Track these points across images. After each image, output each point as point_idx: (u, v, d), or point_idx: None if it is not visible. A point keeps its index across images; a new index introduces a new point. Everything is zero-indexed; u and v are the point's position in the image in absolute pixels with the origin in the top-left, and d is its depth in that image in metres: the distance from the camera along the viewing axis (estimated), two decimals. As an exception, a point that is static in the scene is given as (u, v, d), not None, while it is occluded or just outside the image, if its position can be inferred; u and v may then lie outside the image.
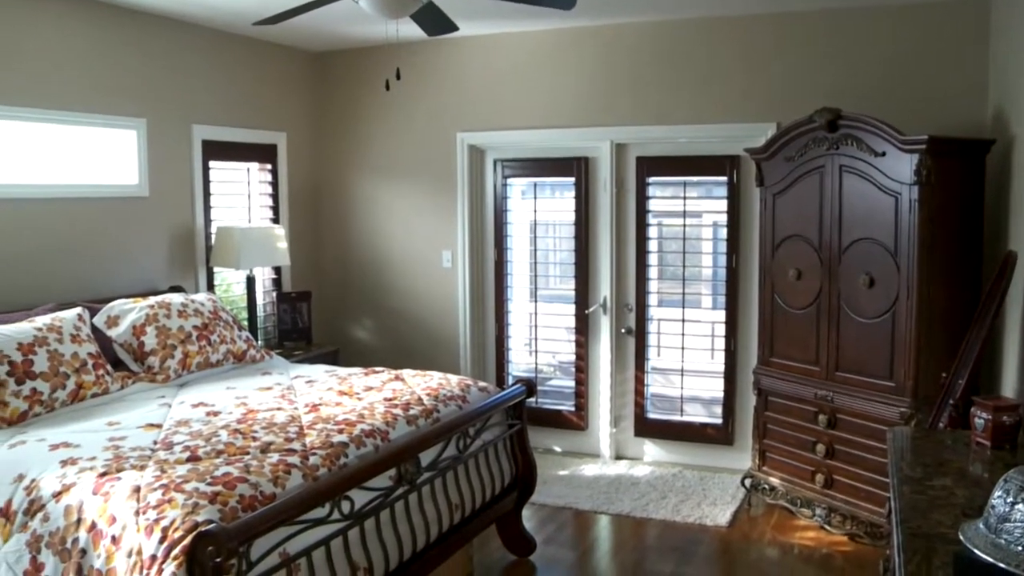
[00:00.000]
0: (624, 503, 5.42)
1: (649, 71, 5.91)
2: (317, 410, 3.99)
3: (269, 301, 6.62)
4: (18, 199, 4.81)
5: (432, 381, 4.55)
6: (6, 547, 3.10)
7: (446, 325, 6.72)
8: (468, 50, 6.43)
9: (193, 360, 4.76)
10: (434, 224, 6.69)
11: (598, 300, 6.27)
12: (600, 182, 6.19)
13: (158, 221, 5.67)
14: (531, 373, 6.56)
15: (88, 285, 5.19)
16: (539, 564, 4.68)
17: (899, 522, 2.16)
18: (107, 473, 3.17)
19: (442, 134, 6.59)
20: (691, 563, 4.64)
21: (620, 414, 6.29)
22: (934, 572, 1.87)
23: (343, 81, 6.94)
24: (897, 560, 1.97)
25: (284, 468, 3.21)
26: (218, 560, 2.62)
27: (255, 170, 6.55)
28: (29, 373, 3.96)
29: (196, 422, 3.80)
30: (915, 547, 1.99)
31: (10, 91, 4.74)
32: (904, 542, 2.02)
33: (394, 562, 3.50)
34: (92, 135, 5.22)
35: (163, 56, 5.67)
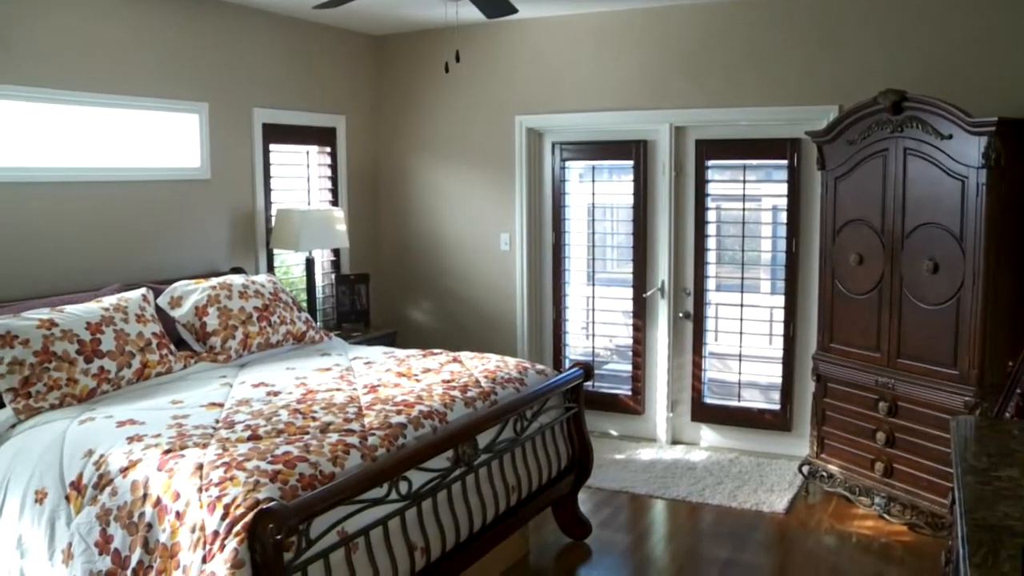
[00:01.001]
0: (680, 488, 5.40)
1: (709, 53, 5.85)
2: (376, 391, 4.02)
3: (328, 283, 6.69)
4: (86, 182, 4.92)
5: (490, 363, 4.57)
6: (78, 519, 3.19)
7: (503, 308, 6.74)
8: (527, 32, 6.41)
9: (254, 340, 4.84)
10: (492, 207, 6.70)
11: (656, 284, 6.23)
12: (659, 165, 6.14)
13: (219, 203, 5.76)
14: (588, 357, 6.55)
15: (152, 266, 5.29)
16: (594, 547, 4.69)
17: (963, 513, 2.12)
18: (171, 450, 3.23)
19: (501, 117, 6.59)
20: (747, 549, 4.62)
21: (677, 399, 6.26)
22: (1000, 564, 1.83)
23: (402, 64, 6.97)
24: (961, 552, 1.93)
25: (343, 448, 3.25)
26: (278, 537, 2.66)
27: (315, 153, 6.61)
28: (97, 352, 4.05)
29: (257, 402, 3.86)
30: (980, 539, 1.96)
31: (79, 78, 4.84)
32: (969, 534, 1.99)
33: (451, 542, 3.53)
34: (156, 119, 5.31)
35: (225, 41, 5.74)
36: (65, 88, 4.77)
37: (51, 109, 4.73)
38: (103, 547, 3.11)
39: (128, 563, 3.02)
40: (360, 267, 6.93)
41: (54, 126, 4.75)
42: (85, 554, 3.13)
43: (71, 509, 3.24)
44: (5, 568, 3.38)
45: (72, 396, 3.89)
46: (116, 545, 3.08)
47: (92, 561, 3.11)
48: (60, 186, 4.79)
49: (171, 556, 2.92)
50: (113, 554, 3.08)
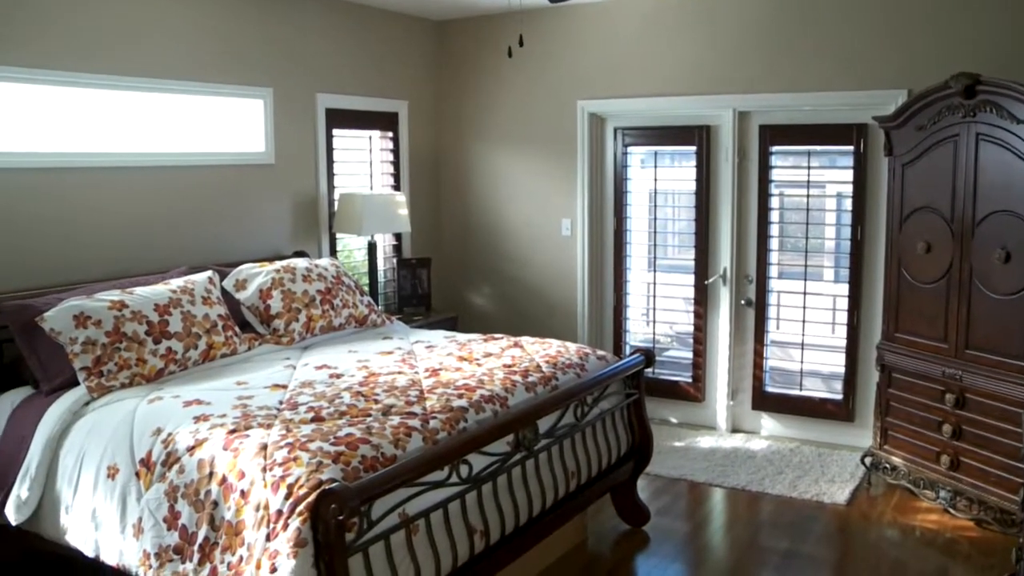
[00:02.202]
0: (740, 477, 5.36)
1: (775, 36, 5.76)
2: (437, 375, 4.05)
3: (389, 267, 6.74)
4: (155, 167, 5.02)
5: (551, 349, 4.57)
6: (147, 495, 3.27)
7: (564, 293, 6.73)
8: (589, 17, 6.37)
9: (316, 323, 4.89)
10: (554, 192, 6.69)
11: (718, 271, 6.18)
12: (722, 151, 6.08)
13: (283, 188, 5.83)
14: (648, 343, 6.52)
15: (218, 249, 5.38)
16: (652, 535, 4.68)
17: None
18: (236, 430, 3.29)
19: (562, 102, 6.57)
20: (807, 540, 4.57)
21: (738, 387, 6.21)
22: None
23: (464, 49, 6.98)
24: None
25: (405, 431, 3.28)
26: (341, 518, 2.69)
27: (377, 138, 6.66)
28: (165, 333, 4.13)
29: (320, 384, 3.91)
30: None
31: (150, 65, 4.94)
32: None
33: (510, 526, 3.55)
34: (223, 105, 5.40)
35: (289, 27, 5.80)
36: (136, 75, 4.87)
37: (123, 96, 4.83)
38: (171, 523, 3.19)
39: (195, 539, 3.10)
40: (421, 251, 6.97)
41: (126, 113, 4.85)
42: (154, 529, 3.22)
43: (141, 485, 3.33)
44: (82, 538, 3.48)
45: (141, 376, 3.97)
46: (183, 521, 3.15)
47: (161, 536, 3.19)
48: (131, 171, 4.89)
49: (236, 533, 2.98)
50: (180, 530, 3.15)
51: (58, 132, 4.56)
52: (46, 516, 3.64)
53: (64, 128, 4.58)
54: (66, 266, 4.60)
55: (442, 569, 3.18)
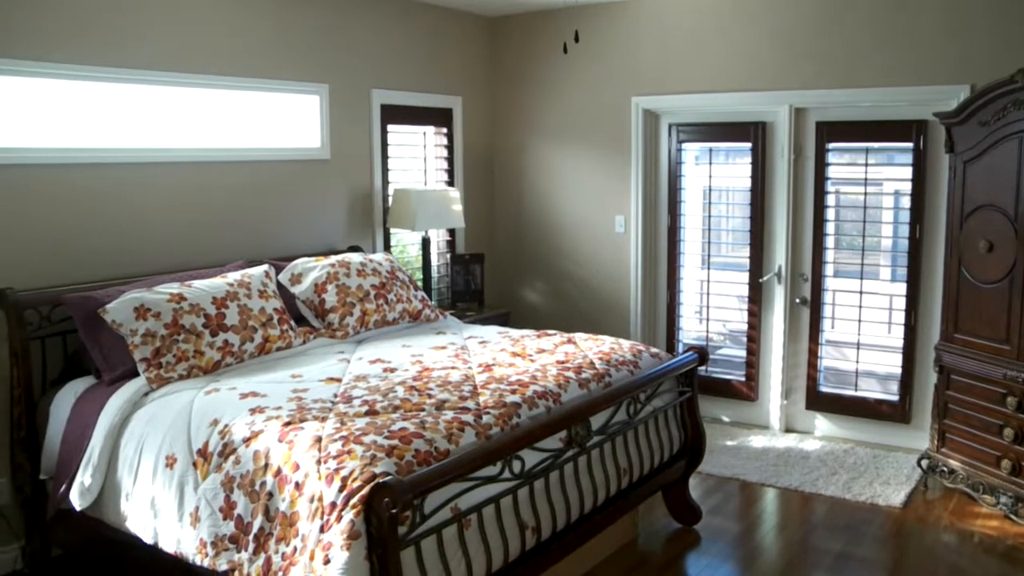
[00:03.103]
0: (792, 477, 5.31)
1: (832, 31, 5.67)
2: (490, 370, 4.06)
3: (443, 262, 6.78)
4: (213, 163, 5.09)
5: (604, 345, 4.56)
6: (204, 484, 3.33)
7: (617, 290, 6.72)
8: (644, 12, 6.34)
9: (370, 318, 4.93)
10: (607, 189, 6.68)
11: (772, 269, 6.12)
12: (777, 148, 6.02)
13: (338, 183, 5.89)
14: (701, 341, 6.49)
15: (274, 243, 5.45)
16: (704, 534, 4.65)
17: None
18: (291, 423, 3.33)
19: (617, 98, 6.55)
20: (861, 543, 4.51)
21: (791, 386, 6.15)
22: None
23: (518, 45, 6.98)
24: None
25: (458, 425, 3.29)
26: (394, 511, 2.70)
27: (431, 133, 6.69)
28: (222, 326, 4.19)
29: (374, 377, 3.94)
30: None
31: (207, 61, 5.01)
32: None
33: (561, 523, 3.56)
34: (280, 101, 5.46)
35: (345, 23, 5.84)
36: (198, 73, 4.94)
37: (185, 93, 4.91)
38: (227, 512, 3.23)
39: (250, 529, 3.14)
40: (475, 247, 7.00)
41: (187, 109, 4.93)
42: (211, 518, 3.27)
43: (198, 475, 3.38)
44: (141, 525, 3.55)
45: (199, 367, 4.03)
46: (239, 511, 3.20)
47: (217, 525, 3.24)
48: (191, 167, 4.97)
49: (290, 524, 3.01)
50: (236, 520, 3.20)
51: (122, 129, 4.64)
52: (108, 503, 3.72)
53: (128, 125, 4.66)
54: (128, 259, 4.68)
55: (493, 564, 3.19)
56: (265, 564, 3.05)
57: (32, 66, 4.23)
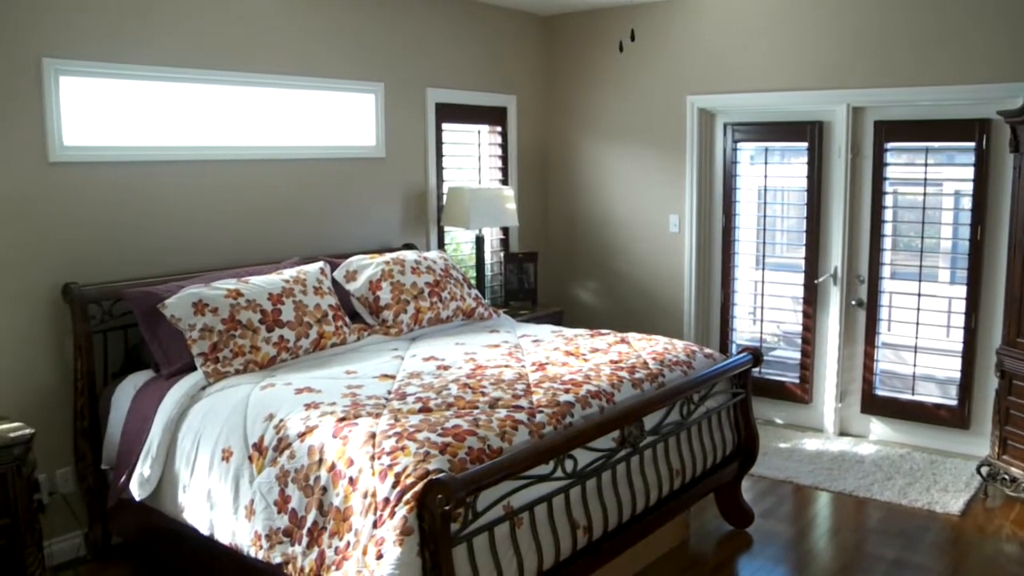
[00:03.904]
0: (847, 481, 5.24)
1: (891, 28, 5.58)
2: (544, 369, 4.06)
3: (496, 261, 6.79)
4: (270, 160, 5.15)
5: (658, 345, 4.54)
6: (259, 478, 3.37)
7: (671, 290, 6.68)
8: (700, 10, 6.30)
9: (424, 315, 4.96)
10: (661, 188, 6.65)
11: (828, 270, 6.05)
12: (834, 148, 5.95)
13: (393, 181, 5.92)
14: (755, 342, 6.43)
15: (329, 240, 5.50)
16: (756, 537, 4.62)
17: None
18: (346, 418, 3.35)
19: (671, 97, 6.51)
20: (917, 550, 4.43)
21: (846, 389, 6.07)
22: None
23: (573, 44, 6.97)
24: None
25: (511, 424, 3.30)
26: (447, 508, 2.72)
27: (485, 132, 6.71)
28: (278, 321, 4.24)
29: (427, 375, 3.96)
30: None
31: (265, 61, 5.07)
32: None
33: (613, 523, 3.55)
34: (335, 99, 5.50)
35: (401, 22, 5.88)
36: (254, 72, 5.00)
37: (242, 92, 4.97)
38: (281, 506, 3.27)
39: (304, 523, 3.17)
40: (528, 246, 7.00)
41: (245, 108, 4.99)
42: (265, 511, 3.31)
43: (253, 469, 3.42)
44: (198, 517, 3.61)
45: (255, 363, 4.09)
46: (293, 505, 3.23)
47: (271, 519, 3.28)
48: (248, 164, 5.03)
49: (344, 519, 3.04)
50: (290, 513, 3.23)
51: (184, 127, 4.72)
52: (166, 494, 3.79)
53: (189, 123, 4.74)
54: (187, 255, 4.76)
55: (544, 563, 3.19)
56: (318, 558, 3.08)
57: (98, 67, 4.33)
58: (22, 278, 4.14)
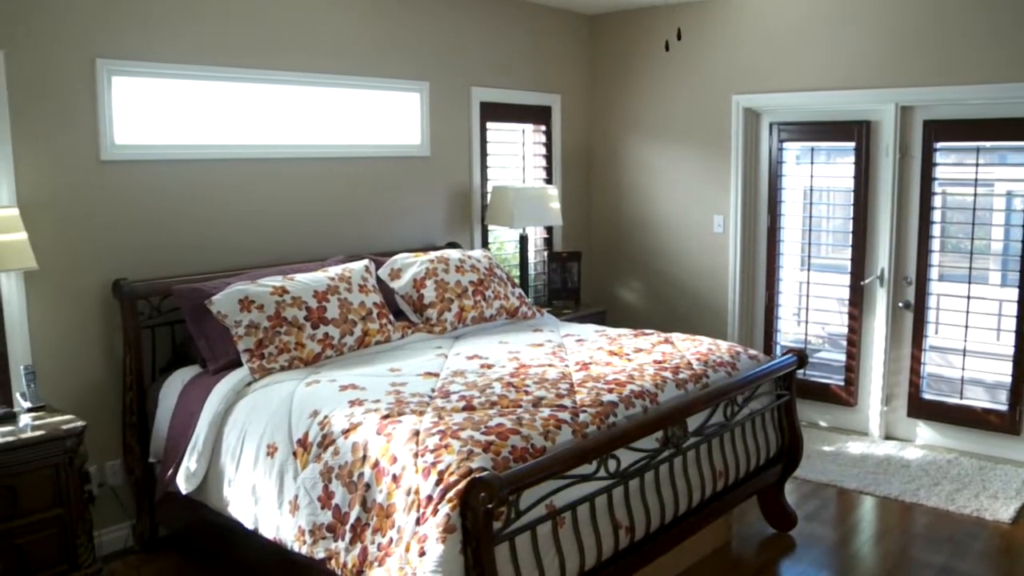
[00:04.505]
0: (892, 486, 5.18)
1: (941, 25, 5.49)
2: (587, 368, 4.06)
3: (540, 260, 6.79)
4: (316, 159, 5.19)
5: (702, 346, 4.52)
6: (304, 474, 3.40)
7: (714, 290, 6.65)
8: (746, 8, 6.26)
9: (468, 314, 4.97)
10: (706, 188, 6.61)
11: (875, 271, 5.98)
12: (882, 147, 5.87)
13: (437, 180, 5.95)
14: (799, 343, 6.37)
15: (374, 238, 5.53)
16: (799, 540, 4.58)
17: None
18: (389, 416, 3.37)
19: (717, 96, 6.47)
20: (965, 558, 4.36)
21: (892, 392, 5.99)
22: None
23: (617, 43, 6.95)
24: None
25: (555, 423, 3.30)
26: (490, 506, 2.73)
27: (530, 131, 6.71)
28: (323, 319, 4.27)
29: (471, 373, 3.97)
30: None
31: (311, 60, 5.11)
32: None
33: (655, 524, 3.53)
34: (380, 98, 5.54)
35: (446, 21, 5.90)
36: (301, 71, 5.05)
37: (288, 90, 5.02)
38: (325, 502, 3.30)
39: (347, 519, 3.19)
40: (572, 245, 7.00)
41: (291, 106, 5.04)
42: (309, 507, 3.33)
43: (298, 464, 3.45)
44: (242, 511, 3.65)
45: (300, 359, 4.12)
46: (337, 501, 3.26)
47: (315, 514, 3.31)
48: (294, 162, 5.08)
49: (387, 516, 3.06)
50: (334, 509, 3.26)
51: (229, 126, 4.77)
52: (211, 488, 3.83)
53: (235, 122, 4.79)
54: (234, 252, 4.82)
55: (586, 562, 3.19)
56: (361, 554, 3.11)
57: (149, 67, 4.40)
58: (75, 274, 4.22)
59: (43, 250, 3.97)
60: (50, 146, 4.08)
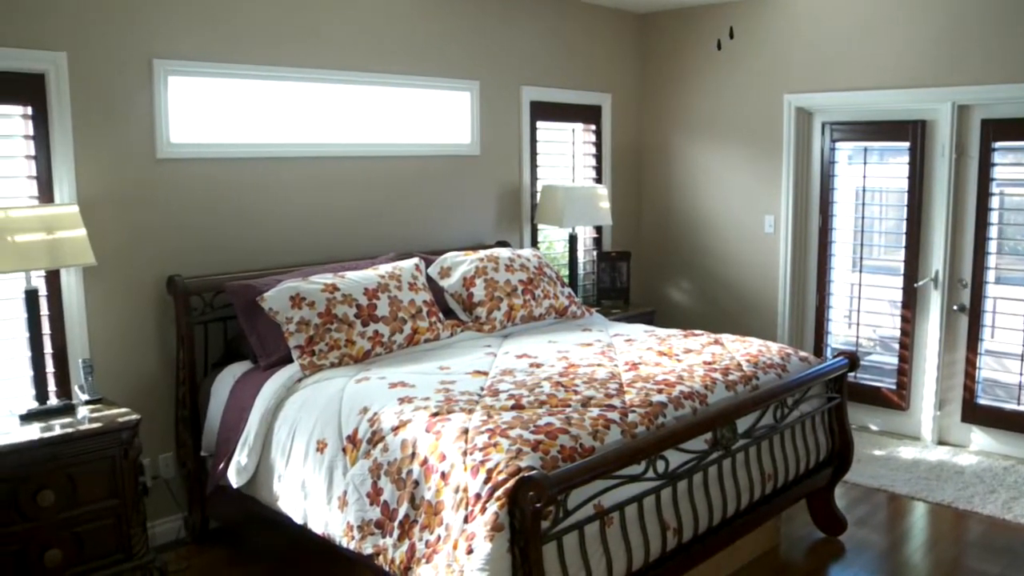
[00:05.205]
0: (946, 492, 5.09)
1: (999, 21, 5.38)
2: (636, 369, 4.04)
3: (589, 259, 6.78)
4: (366, 157, 5.23)
5: (752, 347, 4.48)
6: (353, 470, 3.42)
7: (764, 291, 6.59)
8: (798, 7, 6.19)
9: (517, 313, 4.98)
10: (757, 188, 6.56)
11: (928, 274, 5.89)
12: (937, 147, 5.78)
13: (488, 178, 5.96)
14: (850, 346, 6.29)
15: (424, 237, 5.56)
16: (848, 545, 4.52)
17: None
18: (438, 413, 3.38)
19: (768, 96, 6.42)
20: (1023, 569, 4.28)
21: (946, 397, 5.90)
22: None
23: (667, 42, 6.92)
24: None
25: (604, 423, 3.29)
26: (538, 505, 2.72)
27: (580, 130, 6.70)
28: (372, 316, 4.30)
29: (520, 372, 3.97)
30: None
31: (360, 58, 5.15)
32: None
33: (703, 525, 3.51)
34: (431, 97, 5.56)
35: (496, 21, 5.92)
36: (353, 70, 5.09)
37: (340, 89, 5.06)
38: (374, 498, 3.32)
39: (395, 515, 3.21)
40: (621, 245, 6.98)
41: (342, 105, 5.08)
42: (358, 503, 3.36)
43: (347, 461, 3.48)
44: (292, 506, 3.69)
45: (350, 356, 4.15)
46: (385, 498, 3.28)
47: (364, 510, 3.33)
48: (345, 161, 5.12)
49: (435, 513, 3.07)
50: (383, 506, 3.28)
51: (281, 124, 4.83)
52: (262, 482, 3.88)
53: (286, 120, 4.85)
54: (285, 250, 4.87)
55: (634, 563, 3.18)
56: (409, 550, 3.12)
57: (203, 66, 4.47)
58: (130, 270, 4.29)
59: (100, 247, 4.04)
60: (108, 145, 4.16)
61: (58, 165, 3.99)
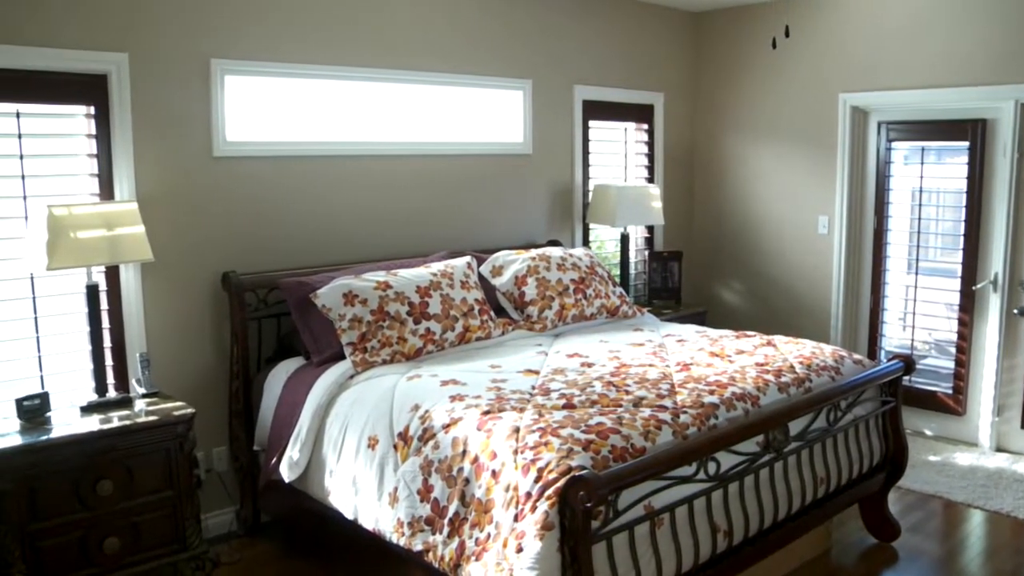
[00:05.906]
0: (1004, 500, 5.00)
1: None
2: (688, 369, 4.02)
3: (641, 259, 6.76)
4: (420, 155, 5.27)
5: (805, 349, 4.44)
6: (404, 467, 3.44)
7: (818, 293, 6.52)
8: (854, 5, 6.11)
9: (569, 312, 4.97)
10: (811, 188, 6.48)
11: (987, 276, 5.78)
12: (998, 147, 5.66)
13: (539, 177, 5.96)
14: (904, 349, 6.20)
15: (475, 235, 5.58)
16: (901, 552, 4.45)
17: None
18: (490, 412, 3.39)
19: (823, 95, 6.34)
20: (1084, 580, 4.19)
21: (1005, 402, 5.78)
22: None
23: (721, 41, 6.88)
24: None
25: (655, 423, 3.28)
26: (588, 505, 2.72)
27: (632, 129, 6.68)
28: (424, 314, 4.32)
29: (571, 371, 3.97)
30: None
31: (414, 57, 5.18)
32: None
33: (754, 528, 3.49)
34: (484, 96, 5.58)
35: (548, 20, 5.92)
36: (404, 68, 5.12)
37: (395, 88, 5.10)
38: (424, 495, 3.33)
39: (445, 513, 3.23)
40: (673, 244, 6.95)
41: (393, 103, 5.12)
42: (408, 500, 3.38)
43: (398, 457, 3.50)
44: (342, 501, 3.72)
45: (401, 354, 4.18)
46: (436, 495, 3.29)
47: (414, 507, 3.35)
48: (399, 159, 5.16)
49: (485, 511, 3.08)
50: (433, 503, 3.29)
51: (335, 123, 4.87)
52: (313, 477, 3.92)
53: (340, 119, 4.89)
54: (338, 247, 4.92)
55: (683, 565, 3.16)
56: (459, 548, 3.13)
57: (258, 66, 4.53)
58: (187, 266, 4.37)
59: (158, 243, 4.11)
60: (166, 143, 4.24)
61: (118, 163, 4.08)
